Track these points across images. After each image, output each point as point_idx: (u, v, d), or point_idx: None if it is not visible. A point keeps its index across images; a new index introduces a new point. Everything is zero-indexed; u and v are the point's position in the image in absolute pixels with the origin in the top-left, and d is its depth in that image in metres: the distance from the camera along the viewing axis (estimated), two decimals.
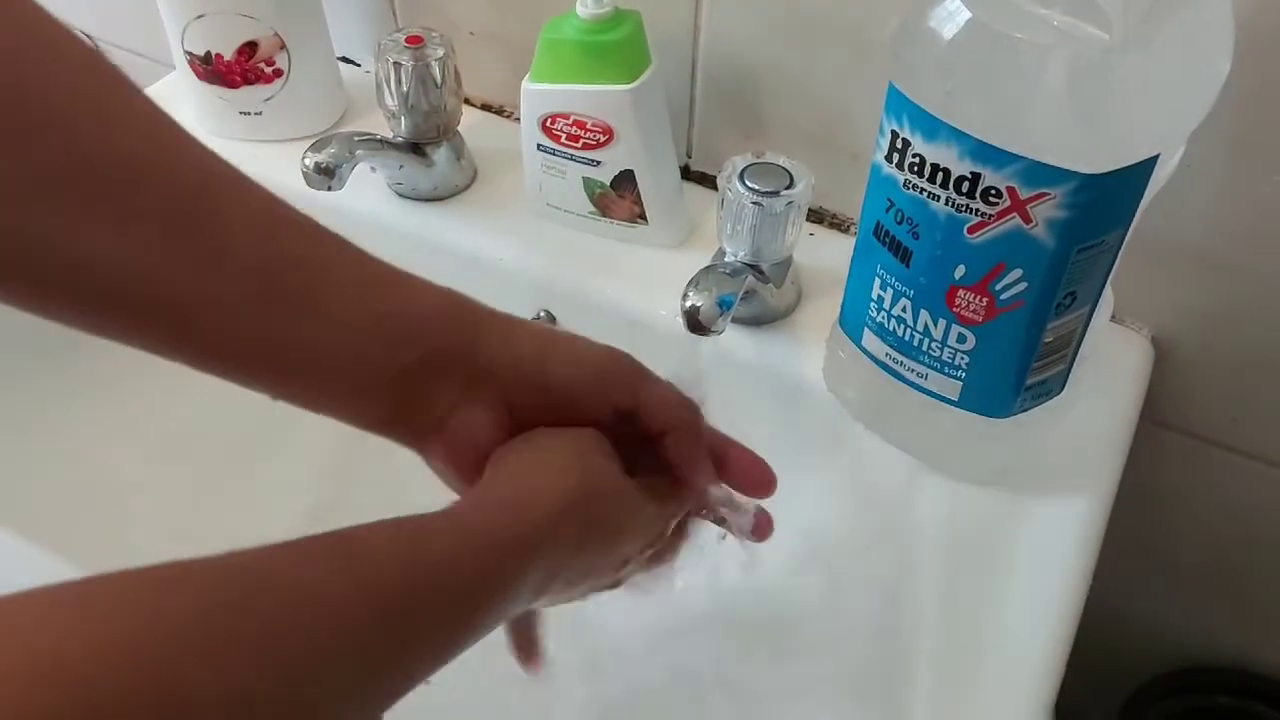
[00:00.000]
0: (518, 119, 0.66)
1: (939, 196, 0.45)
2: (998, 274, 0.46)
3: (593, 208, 0.67)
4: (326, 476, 0.76)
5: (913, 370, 0.52)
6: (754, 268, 0.59)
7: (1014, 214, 0.43)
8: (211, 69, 0.71)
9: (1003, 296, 0.46)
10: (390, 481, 0.72)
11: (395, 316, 0.39)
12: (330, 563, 0.30)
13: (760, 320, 0.63)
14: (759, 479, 0.45)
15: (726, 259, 0.60)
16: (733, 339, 0.61)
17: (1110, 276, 0.47)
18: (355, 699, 0.29)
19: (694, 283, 0.56)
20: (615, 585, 0.45)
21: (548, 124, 0.64)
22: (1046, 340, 0.48)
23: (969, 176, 0.43)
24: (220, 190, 0.36)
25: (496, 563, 0.35)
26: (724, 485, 0.45)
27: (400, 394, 0.39)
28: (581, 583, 0.41)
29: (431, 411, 0.40)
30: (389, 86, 0.66)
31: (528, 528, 0.36)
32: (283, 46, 0.71)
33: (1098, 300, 0.48)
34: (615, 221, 0.67)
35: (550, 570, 0.37)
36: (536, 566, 0.36)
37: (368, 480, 0.76)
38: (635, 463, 0.43)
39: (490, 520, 0.36)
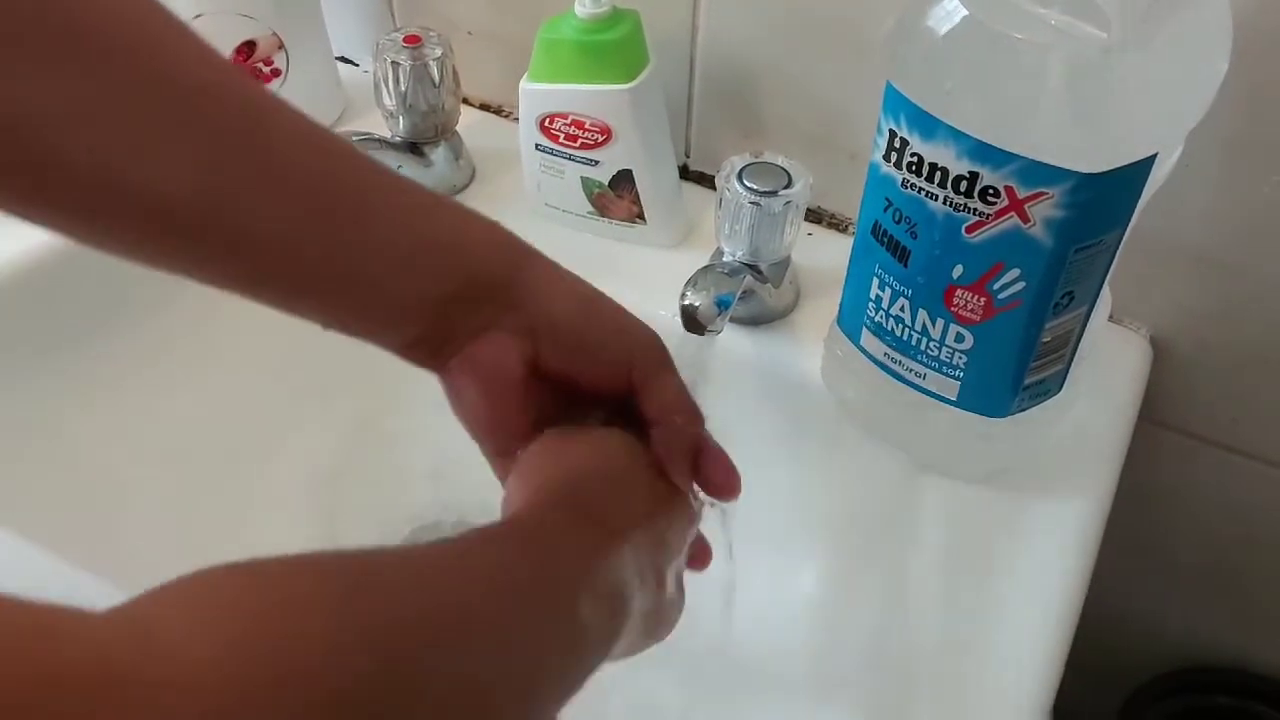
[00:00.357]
0: (516, 118, 0.66)
1: (937, 196, 0.45)
2: (996, 273, 0.46)
3: (591, 207, 0.67)
4: (326, 478, 0.76)
5: (911, 370, 0.52)
6: (752, 267, 0.59)
7: (1012, 213, 0.43)
8: None
9: (1001, 296, 0.46)
10: (390, 483, 0.72)
11: (439, 245, 0.39)
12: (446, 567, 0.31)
13: (758, 320, 0.63)
14: (722, 482, 0.45)
15: (725, 258, 0.60)
16: (731, 339, 0.61)
17: (1108, 276, 0.47)
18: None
19: (692, 282, 0.56)
20: (664, 620, 0.44)
21: (546, 123, 0.64)
22: (1044, 340, 0.48)
23: (967, 176, 0.43)
24: (272, 112, 0.36)
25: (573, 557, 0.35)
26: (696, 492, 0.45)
27: (434, 318, 0.39)
28: (643, 589, 0.40)
29: (460, 334, 0.40)
30: (387, 86, 0.66)
31: (576, 520, 0.37)
32: (281, 46, 0.71)
33: (1096, 300, 0.48)
34: (613, 221, 0.67)
35: (613, 565, 0.37)
36: (602, 563, 0.36)
37: (367, 482, 0.76)
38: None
39: (553, 519, 0.37)
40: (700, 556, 0.46)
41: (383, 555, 0.29)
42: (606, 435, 0.42)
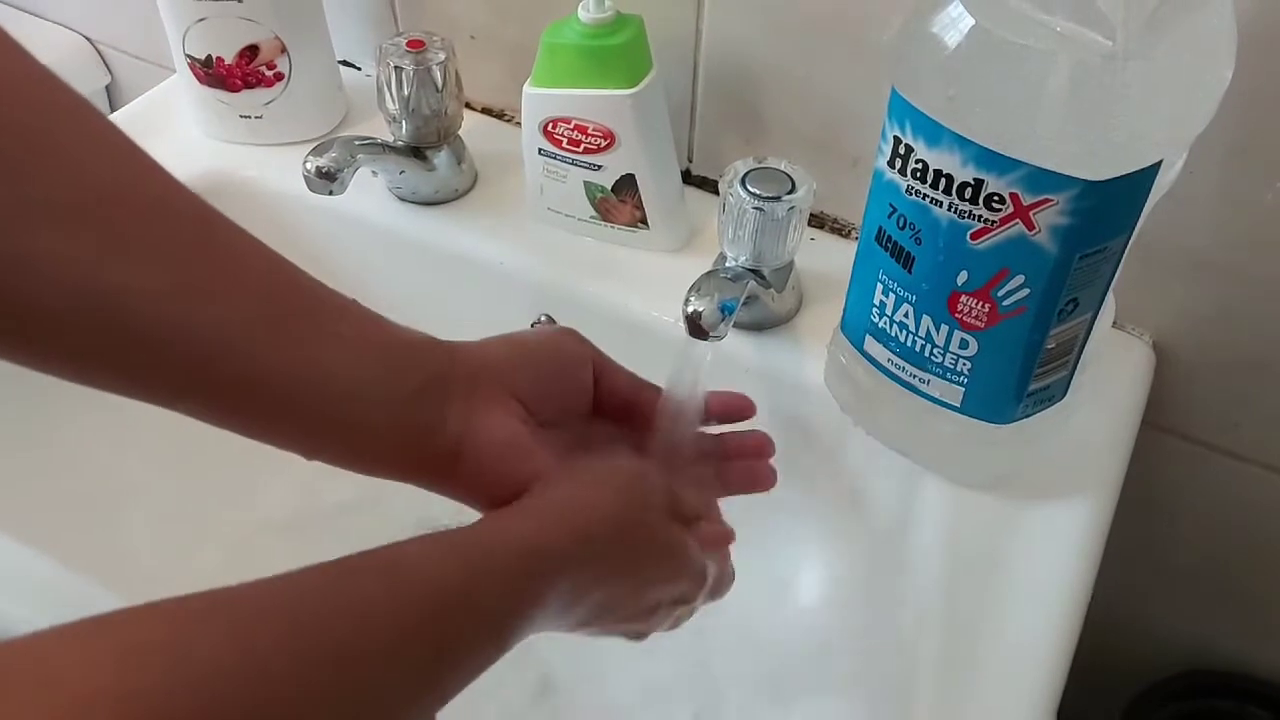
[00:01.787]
0: (519, 123, 0.66)
1: (942, 202, 0.45)
2: (1000, 280, 0.46)
3: (594, 212, 0.67)
4: (326, 480, 0.75)
5: (915, 376, 0.52)
6: (755, 273, 0.59)
7: (1017, 220, 0.43)
8: (212, 72, 0.71)
9: (1005, 303, 0.46)
10: (388, 484, 0.72)
11: (393, 345, 0.40)
12: (374, 580, 0.31)
13: (761, 325, 0.63)
14: (741, 406, 0.49)
15: (728, 264, 0.60)
16: (734, 344, 0.61)
17: (1113, 283, 0.47)
18: (397, 713, 0.29)
19: (695, 288, 0.56)
20: (640, 636, 0.45)
21: (549, 128, 0.64)
22: (1049, 346, 0.48)
23: (972, 183, 0.43)
24: (221, 222, 0.37)
25: (524, 571, 0.35)
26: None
27: (413, 426, 0.39)
28: (606, 617, 0.41)
29: (445, 434, 0.40)
30: (390, 90, 0.66)
31: (561, 539, 0.37)
32: (284, 50, 0.71)
33: (1100, 306, 0.48)
34: (616, 226, 0.67)
35: (577, 589, 0.37)
36: (564, 579, 0.36)
37: (367, 483, 0.76)
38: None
39: (525, 528, 0.36)
40: (716, 589, 0.46)
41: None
42: (629, 481, 0.42)
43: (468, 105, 0.75)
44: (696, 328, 0.55)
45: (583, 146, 0.64)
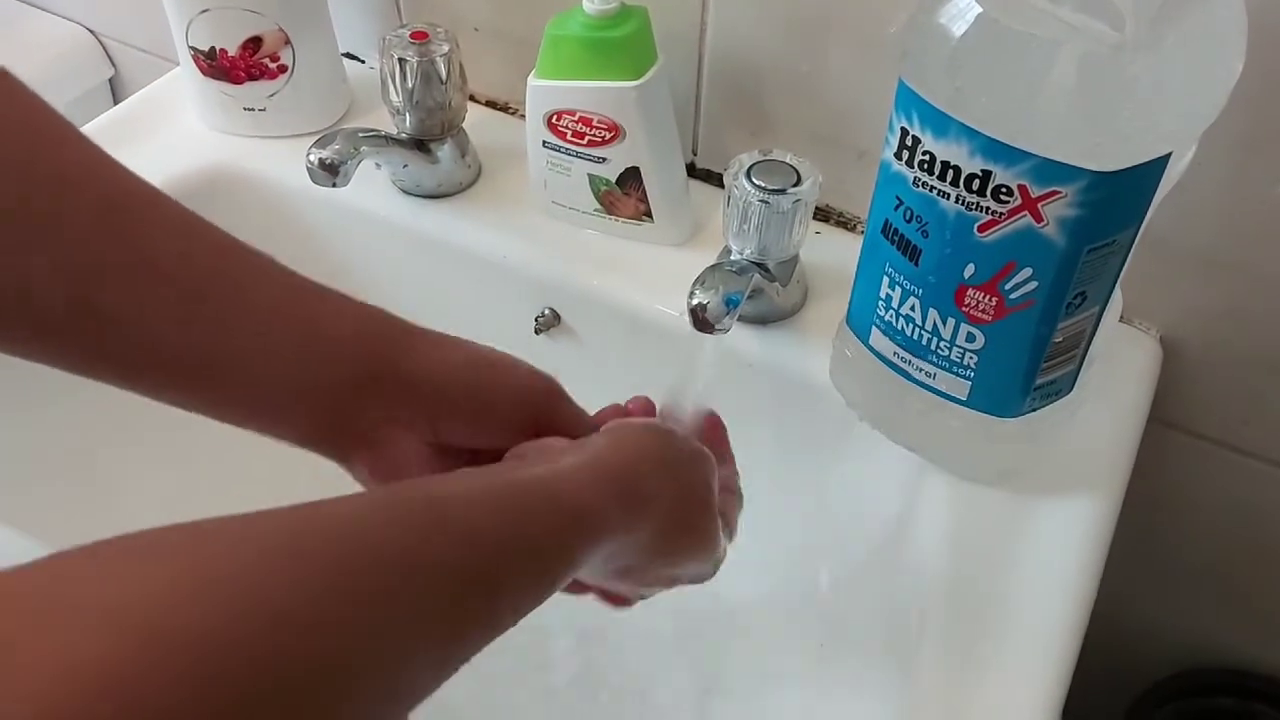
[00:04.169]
0: (523, 115, 0.66)
1: (949, 194, 0.45)
2: (1008, 273, 0.45)
3: (598, 205, 0.67)
4: (326, 478, 0.75)
5: (921, 369, 0.51)
6: (760, 266, 0.59)
7: (1025, 212, 0.43)
8: (216, 64, 0.71)
9: (1012, 296, 0.46)
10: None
11: (317, 336, 0.39)
12: (423, 521, 0.30)
13: (766, 319, 0.62)
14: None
15: (732, 257, 0.60)
16: (739, 338, 0.61)
17: (1120, 277, 0.47)
18: (438, 657, 0.29)
19: (700, 281, 0.55)
20: (640, 599, 0.46)
21: (553, 120, 0.64)
22: (1056, 340, 0.48)
23: (980, 174, 0.43)
24: (139, 204, 0.37)
25: (574, 530, 0.35)
26: None
27: (325, 411, 0.40)
28: (626, 578, 0.42)
29: (356, 428, 0.40)
30: (393, 83, 0.66)
31: (617, 510, 0.37)
32: (287, 42, 0.70)
33: (1108, 300, 0.48)
34: (620, 219, 0.67)
35: (616, 555, 0.38)
36: (609, 545, 0.36)
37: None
38: None
39: (583, 493, 0.36)
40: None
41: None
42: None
43: (471, 98, 0.74)
44: (701, 321, 0.54)
45: (587, 139, 0.63)
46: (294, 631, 0.24)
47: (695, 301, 0.55)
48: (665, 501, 0.39)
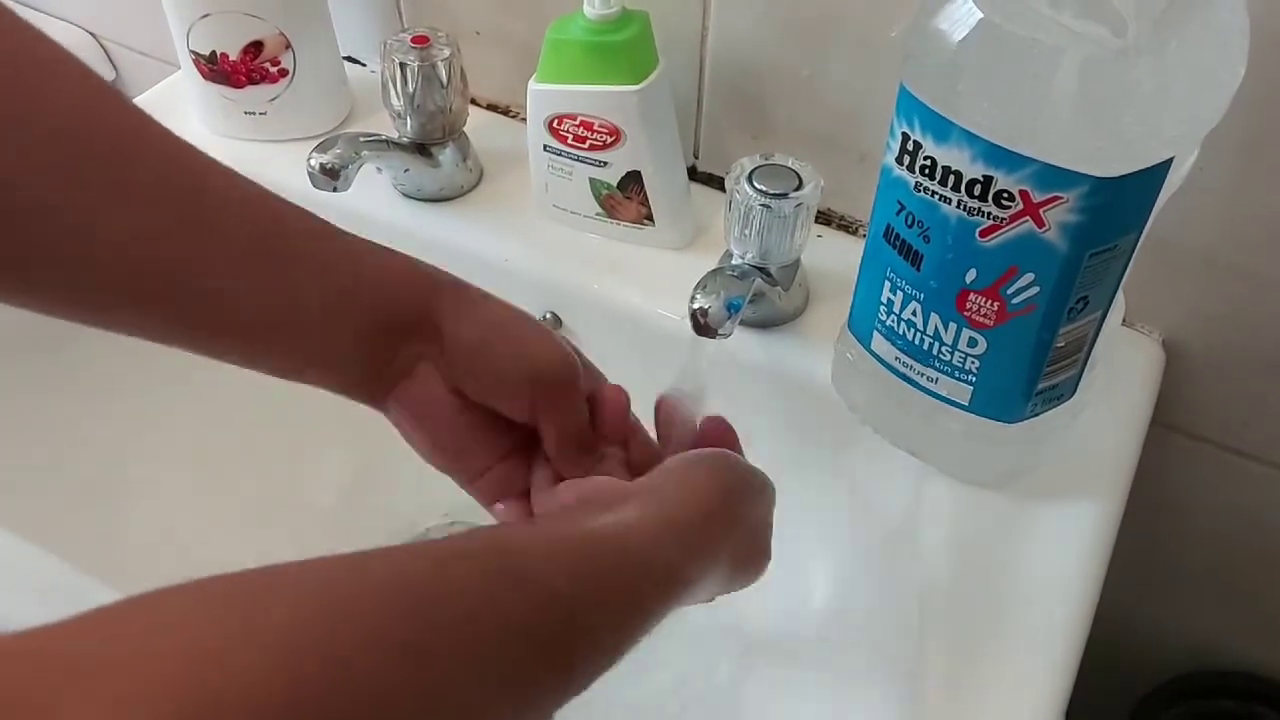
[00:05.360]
0: (524, 119, 0.66)
1: (950, 199, 0.44)
2: (1010, 278, 0.45)
3: (599, 209, 0.67)
4: (327, 477, 0.75)
5: (922, 374, 0.51)
6: (762, 270, 0.59)
7: (1027, 217, 0.43)
8: (217, 69, 0.71)
9: (1014, 301, 0.46)
10: (390, 483, 0.72)
11: (363, 286, 0.41)
12: (497, 580, 0.29)
13: (768, 323, 0.62)
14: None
15: (734, 261, 0.60)
16: (740, 342, 0.61)
17: (1123, 281, 0.47)
18: (519, 709, 0.28)
19: (702, 285, 0.55)
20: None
21: (554, 124, 0.64)
22: (1058, 345, 0.48)
23: (981, 179, 0.43)
24: (202, 167, 0.38)
25: (648, 580, 0.35)
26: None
27: (366, 356, 0.41)
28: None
29: (391, 369, 0.42)
30: (395, 87, 0.66)
31: (684, 562, 0.36)
32: (288, 46, 0.70)
33: (1110, 304, 0.48)
34: (622, 223, 0.67)
35: (684, 599, 0.37)
36: (690, 590, 0.37)
37: (368, 481, 0.76)
38: None
39: (653, 536, 0.36)
40: None
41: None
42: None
43: (473, 101, 0.74)
44: (702, 326, 0.54)
45: (588, 143, 0.63)
46: (354, 695, 0.22)
47: (697, 306, 0.55)
48: (732, 546, 0.39)
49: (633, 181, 0.64)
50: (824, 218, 0.68)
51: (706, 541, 0.38)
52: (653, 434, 0.47)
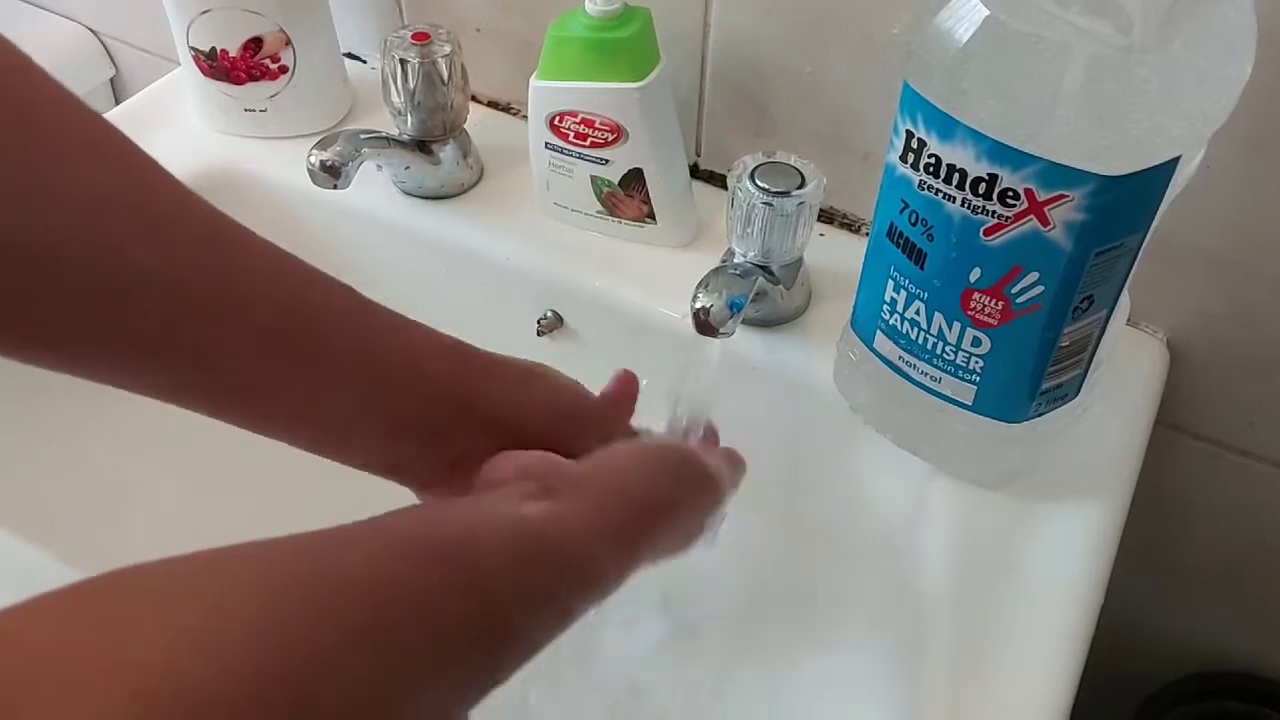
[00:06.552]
0: (525, 117, 0.66)
1: (955, 198, 0.44)
2: (1014, 277, 0.45)
3: (600, 207, 0.66)
4: (328, 475, 0.75)
5: (926, 374, 0.51)
6: (764, 269, 0.59)
7: (1031, 216, 0.43)
8: (216, 65, 0.70)
9: (1019, 300, 0.46)
10: (393, 490, 0.72)
11: (393, 371, 0.40)
12: (440, 575, 0.30)
13: (770, 322, 0.62)
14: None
15: (736, 260, 0.60)
16: (742, 341, 0.61)
17: (1128, 280, 0.47)
18: (447, 700, 0.28)
19: (704, 284, 0.55)
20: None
21: (555, 122, 0.63)
22: (1063, 344, 0.47)
23: (986, 178, 0.43)
24: (231, 236, 0.37)
25: (577, 574, 0.35)
26: None
27: (404, 444, 0.40)
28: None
29: (435, 459, 0.41)
30: (395, 84, 0.66)
31: (616, 553, 0.36)
32: (288, 43, 0.70)
33: (1115, 304, 0.47)
34: (623, 221, 0.67)
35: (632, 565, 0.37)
36: (615, 587, 0.36)
37: (368, 479, 0.75)
38: None
39: (583, 530, 0.36)
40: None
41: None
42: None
43: (473, 99, 0.74)
44: (704, 324, 0.54)
45: (589, 140, 0.63)
46: (301, 687, 0.23)
47: (699, 305, 0.54)
48: (667, 539, 0.39)
49: (634, 179, 0.64)
50: (827, 216, 0.68)
51: (638, 540, 0.37)
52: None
